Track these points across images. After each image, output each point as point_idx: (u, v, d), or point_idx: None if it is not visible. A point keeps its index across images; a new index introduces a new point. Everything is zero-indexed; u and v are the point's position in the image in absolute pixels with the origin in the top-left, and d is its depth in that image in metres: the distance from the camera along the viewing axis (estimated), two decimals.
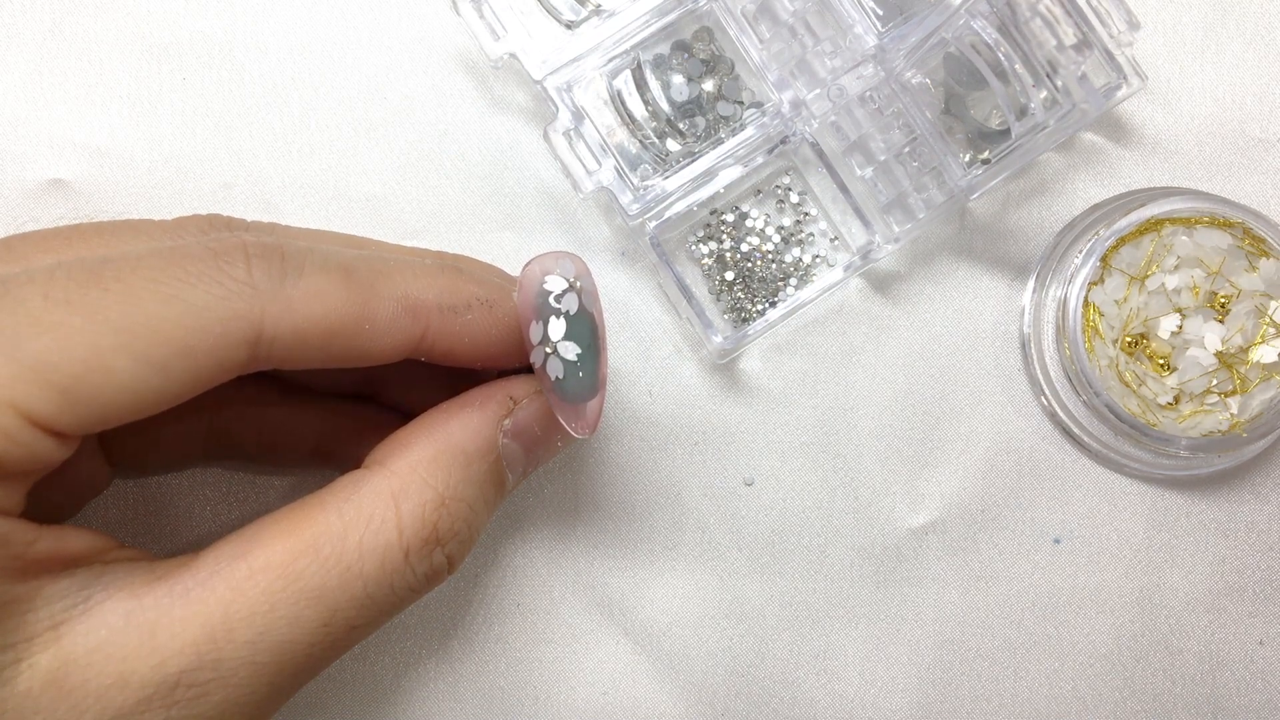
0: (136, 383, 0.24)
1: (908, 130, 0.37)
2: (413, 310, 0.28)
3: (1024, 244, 0.40)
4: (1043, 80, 0.38)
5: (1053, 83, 0.38)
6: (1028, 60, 0.38)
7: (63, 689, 0.23)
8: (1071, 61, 0.38)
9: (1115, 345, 0.38)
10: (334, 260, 0.27)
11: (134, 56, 0.38)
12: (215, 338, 0.24)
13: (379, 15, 0.39)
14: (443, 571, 0.29)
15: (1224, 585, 0.39)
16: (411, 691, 0.37)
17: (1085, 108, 0.38)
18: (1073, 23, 0.38)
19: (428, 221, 0.39)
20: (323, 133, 0.38)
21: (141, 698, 0.24)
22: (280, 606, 0.25)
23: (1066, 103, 0.38)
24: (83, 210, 0.37)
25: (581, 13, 0.38)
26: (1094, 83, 0.38)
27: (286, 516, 0.27)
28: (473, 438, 0.29)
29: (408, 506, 0.27)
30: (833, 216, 0.39)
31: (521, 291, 0.30)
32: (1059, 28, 0.38)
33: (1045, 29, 0.38)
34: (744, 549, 0.38)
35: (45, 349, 0.23)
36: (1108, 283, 0.38)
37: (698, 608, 0.38)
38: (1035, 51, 0.38)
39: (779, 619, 0.38)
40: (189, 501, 0.37)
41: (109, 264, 0.24)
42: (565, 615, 0.37)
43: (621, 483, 0.38)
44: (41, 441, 0.23)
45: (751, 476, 0.38)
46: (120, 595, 0.25)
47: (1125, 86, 0.39)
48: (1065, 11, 0.38)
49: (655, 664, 0.37)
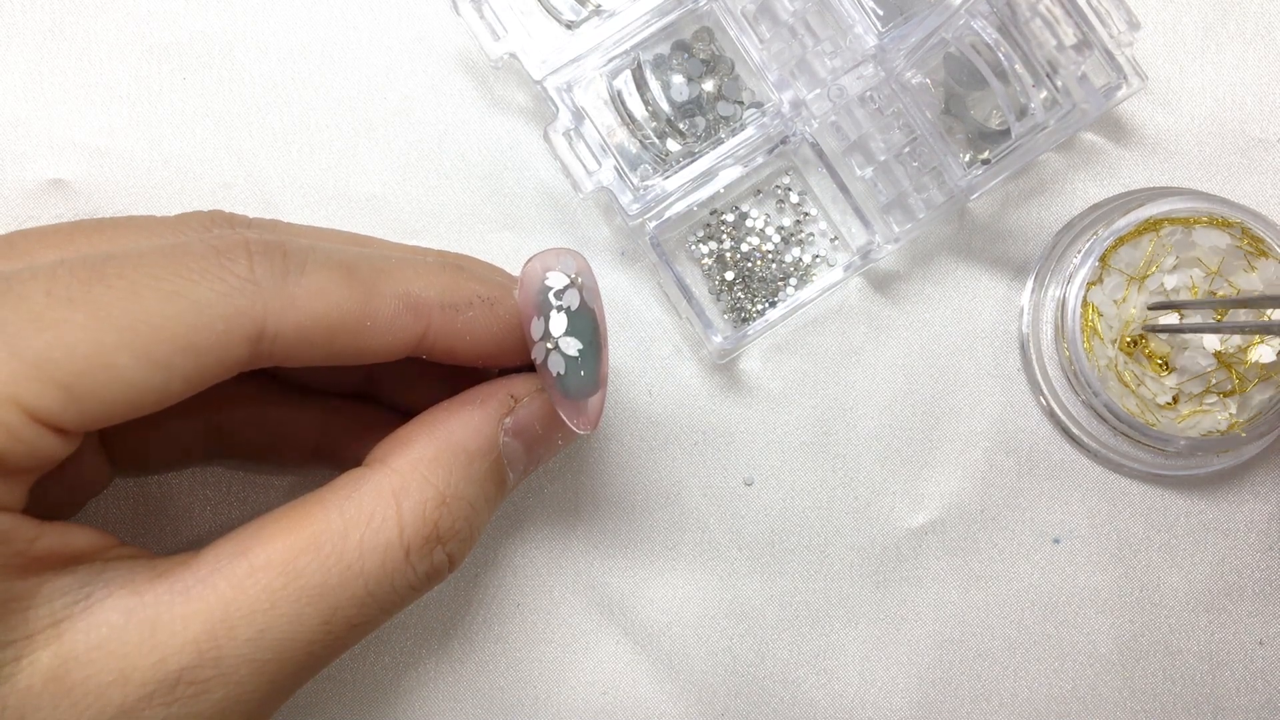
0: (139, 379, 0.24)
1: (908, 130, 0.37)
2: (414, 308, 0.28)
3: (1023, 244, 0.40)
4: (1043, 80, 0.38)
5: (1053, 83, 0.38)
6: (1028, 60, 0.38)
7: (63, 686, 0.23)
8: (1071, 61, 0.38)
9: (1114, 345, 0.38)
10: (336, 258, 0.27)
11: (134, 56, 0.38)
12: (217, 335, 0.24)
13: (379, 15, 0.39)
14: (444, 570, 0.29)
15: (1223, 585, 0.39)
16: (411, 691, 0.37)
17: (1085, 108, 0.38)
18: (1073, 23, 0.38)
19: (428, 221, 0.39)
20: (323, 133, 0.38)
21: (142, 695, 0.24)
22: (281, 604, 0.25)
23: (1066, 103, 0.38)
24: (82, 210, 0.37)
25: (582, 13, 0.38)
26: (1094, 83, 0.38)
27: (287, 514, 0.27)
28: (474, 436, 0.29)
29: (409, 505, 0.27)
30: (833, 216, 0.39)
31: (523, 288, 0.30)
32: (1059, 28, 0.38)
33: (1045, 29, 0.38)
34: (744, 549, 0.38)
35: (48, 345, 0.23)
36: (1107, 283, 0.38)
37: (698, 608, 0.38)
38: (1035, 51, 0.38)
39: (779, 619, 0.38)
40: (189, 501, 0.37)
41: (112, 261, 0.24)
42: (565, 615, 0.37)
43: (621, 483, 0.38)
44: (44, 438, 0.23)
45: (751, 476, 0.38)
46: (121, 592, 0.25)
47: (1125, 86, 0.39)
48: (1065, 11, 0.38)
49: (655, 664, 0.37)
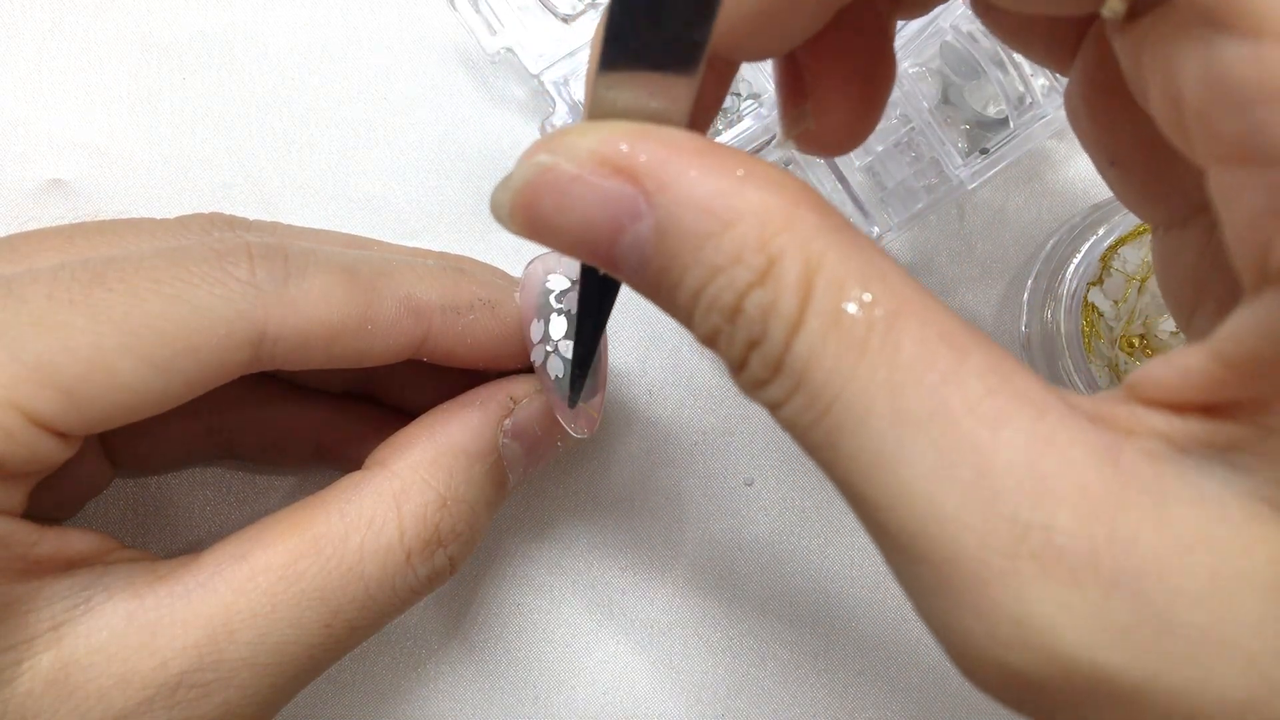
0: (139, 383, 0.24)
1: (905, 120, 0.37)
2: (415, 311, 0.28)
3: (1023, 244, 0.40)
4: (1041, 68, 0.38)
5: (1050, 70, 0.38)
6: None
7: (64, 690, 0.23)
8: None
9: (1114, 346, 0.38)
10: (337, 261, 0.27)
11: (134, 56, 0.38)
12: (219, 338, 0.24)
13: (379, 15, 0.39)
14: (445, 572, 0.29)
15: None
16: (412, 692, 0.37)
17: None
18: None
19: (428, 221, 0.39)
20: (323, 132, 0.38)
21: (143, 698, 0.24)
22: (282, 607, 0.25)
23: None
24: (82, 210, 0.37)
25: (578, 6, 0.38)
26: None
27: (288, 517, 0.27)
28: (473, 438, 0.29)
29: (409, 508, 0.28)
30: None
31: (523, 290, 0.30)
32: None
33: None
34: (744, 549, 0.38)
35: (48, 349, 0.23)
36: (1107, 283, 0.38)
37: (698, 608, 0.38)
38: None
39: (779, 619, 0.38)
40: (189, 501, 0.37)
41: (112, 264, 0.24)
42: (565, 615, 0.37)
43: (621, 483, 0.38)
44: (44, 442, 0.23)
45: (751, 477, 0.38)
46: (122, 596, 0.25)
47: None
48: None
49: (655, 664, 0.37)
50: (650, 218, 0.18)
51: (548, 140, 0.19)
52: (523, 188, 0.19)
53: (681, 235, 0.18)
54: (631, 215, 0.18)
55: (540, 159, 0.19)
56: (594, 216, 0.18)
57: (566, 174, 0.18)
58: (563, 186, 0.18)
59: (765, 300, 0.17)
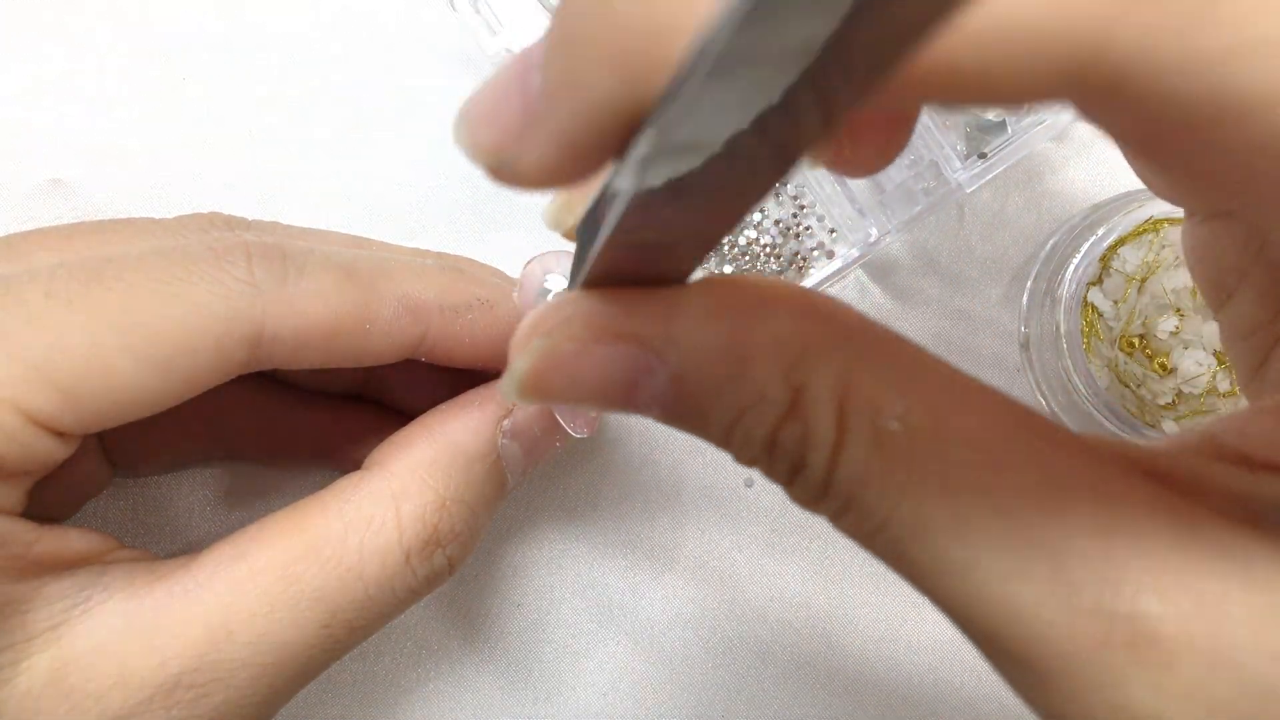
0: (138, 382, 0.24)
1: None
2: (413, 310, 0.28)
3: (1023, 244, 0.40)
4: None
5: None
6: None
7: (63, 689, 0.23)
8: None
9: (1114, 346, 0.38)
10: (335, 260, 0.27)
11: (134, 56, 0.38)
12: (217, 337, 0.24)
13: (379, 15, 0.39)
14: (444, 573, 0.29)
15: None
16: (411, 692, 0.37)
17: None
18: None
19: (427, 221, 0.39)
20: (322, 133, 0.38)
21: (142, 698, 0.24)
22: (280, 608, 0.25)
23: None
24: (82, 210, 0.37)
25: None
26: None
27: (287, 518, 0.27)
28: (472, 439, 0.29)
29: (408, 508, 0.28)
30: (830, 209, 0.39)
31: (522, 289, 0.30)
32: None
33: None
34: (744, 549, 0.38)
35: (47, 348, 0.23)
36: (1106, 283, 0.38)
37: (698, 608, 0.38)
38: None
39: (779, 619, 0.38)
40: (189, 501, 0.37)
41: (111, 263, 0.24)
42: (565, 616, 0.37)
43: (621, 483, 0.38)
44: (42, 441, 0.23)
45: (751, 477, 0.38)
46: (120, 595, 0.25)
47: None
48: None
49: (655, 664, 0.37)
50: (663, 371, 0.17)
51: (539, 322, 0.18)
52: (529, 373, 0.18)
53: (700, 383, 0.17)
54: (644, 372, 0.17)
55: (538, 344, 0.18)
56: (607, 380, 0.18)
57: (569, 351, 0.18)
58: (568, 364, 0.18)
59: (798, 433, 0.17)
